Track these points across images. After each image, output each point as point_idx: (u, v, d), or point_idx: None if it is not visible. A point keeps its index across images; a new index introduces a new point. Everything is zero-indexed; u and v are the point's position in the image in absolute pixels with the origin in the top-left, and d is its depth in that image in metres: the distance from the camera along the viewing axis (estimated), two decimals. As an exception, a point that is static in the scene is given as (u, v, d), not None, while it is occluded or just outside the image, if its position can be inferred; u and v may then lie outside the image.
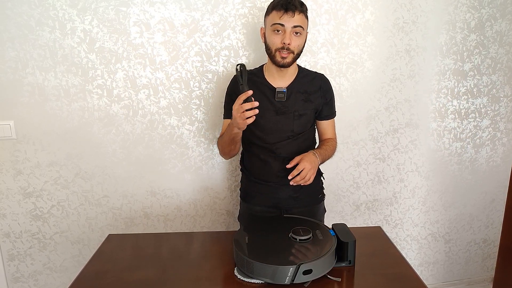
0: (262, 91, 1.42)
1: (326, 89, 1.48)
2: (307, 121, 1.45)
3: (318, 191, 1.56)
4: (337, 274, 1.13)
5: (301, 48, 1.36)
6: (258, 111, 1.33)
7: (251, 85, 1.40)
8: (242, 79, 1.24)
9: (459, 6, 1.83)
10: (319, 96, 1.46)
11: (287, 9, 1.28)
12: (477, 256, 2.26)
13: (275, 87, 1.41)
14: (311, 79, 1.46)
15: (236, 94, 1.37)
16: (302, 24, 1.31)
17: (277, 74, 1.41)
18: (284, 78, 1.42)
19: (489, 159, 2.10)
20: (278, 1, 1.31)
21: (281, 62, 1.33)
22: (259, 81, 1.43)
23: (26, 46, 1.59)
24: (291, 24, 1.29)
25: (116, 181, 1.79)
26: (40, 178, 1.74)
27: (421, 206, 2.10)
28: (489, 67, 1.96)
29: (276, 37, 1.31)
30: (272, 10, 1.32)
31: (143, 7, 1.61)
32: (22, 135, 1.68)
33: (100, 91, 1.68)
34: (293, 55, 1.33)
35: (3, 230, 1.79)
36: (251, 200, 1.53)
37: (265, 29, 1.38)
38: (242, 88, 1.23)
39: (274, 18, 1.30)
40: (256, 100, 1.35)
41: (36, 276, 1.86)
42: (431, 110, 1.96)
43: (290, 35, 1.30)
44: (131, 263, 1.24)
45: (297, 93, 1.42)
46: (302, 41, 1.34)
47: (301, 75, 1.45)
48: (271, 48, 1.34)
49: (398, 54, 1.84)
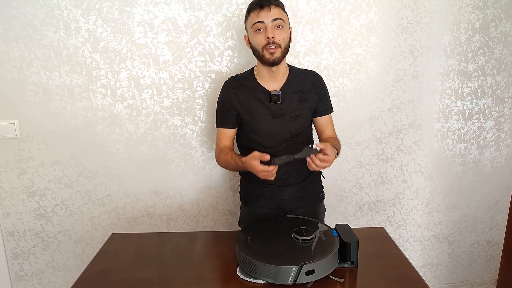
0: (256, 96, 1.39)
1: (319, 85, 1.46)
2: (304, 121, 1.44)
3: (320, 190, 1.56)
4: (340, 274, 1.12)
5: (287, 42, 1.33)
6: (256, 117, 1.36)
7: (243, 90, 1.41)
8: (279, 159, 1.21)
9: (464, 6, 1.83)
10: (314, 93, 1.44)
11: (262, 6, 1.28)
12: (480, 258, 2.25)
13: (269, 90, 1.39)
14: (303, 77, 1.44)
15: (229, 102, 1.41)
16: (281, 16, 1.30)
17: (269, 76, 1.39)
18: (277, 79, 1.40)
19: (493, 160, 2.09)
20: (251, 4, 1.33)
21: (271, 59, 1.30)
22: (252, 85, 1.41)
23: (31, 46, 1.59)
24: (270, 19, 1.28)
25: (120, 180, 1.80)
26: (44, 177, 1.75)
27: (425, 207, 2.10)
28: (494, 68, 1.95)
29: (259, 36, 1.30)
30: (249, 13, 1.33)
31: (147, 7, 1.62)
32: (26, 134, 1.69)
33: (104, 91, 1.68)
34: (280, 49, 1.31)
35: (7, 229, 1.80)
36: (254, 204, 1.51)
37: (248, 34, 1.38)
38: (274, 162, 1.21)
39: (253, 18, 1.31)
40: (251, 105, 1.38)
41: (40, 274, 1.87)
42: (435, 111, 1.96)
43: (272, 29, 1.28)
44: (134, 262, 1.24)
45: (292, 93, 1.40)
46: (286, 34, 1.32)
47: (293, 74, 1.43)
48: (257, 49, 1.33)
49: (402, 54, 1.84)
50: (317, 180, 1.55)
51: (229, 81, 1.45)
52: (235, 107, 1.41)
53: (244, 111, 1.40)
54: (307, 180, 1.48)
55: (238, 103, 1.40)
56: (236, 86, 1.42)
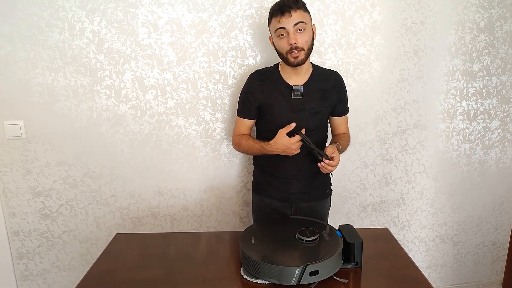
0: (278, 89, 1.45)
1: (340, 87, 1.53)
2: (322, 118, 1.50)
3: (327, 187, 1.62)
4: (344, 275, 1.12)
5: (310, 43, 1.37)
6: (275, 109, 1.43)
7: (268, 83, 1.47)
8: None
9: (468, 6, 1.82)
10: (335, 93, 1.50)
11: (283, 12, 1.31)
12: (485, 259, 2.24)
13: (291, 85, 1.43)
14: (326, 76, 1.50)
15: (252, 93, 1.47)
16: (302, 19, 1.32)
17: (293, 73, 1.44)
18: (299, 76, 1.44)
19: (499, 160, 2.08)
20: (273, 8, 1.36)
21: (295, 62, 1.35)
22: (275, 79, 1.46)
23: (36, 47, 1.61)
24: (291, 24, 1.31)
25: (124, 180, 1.80)
26: (49, 178, 1.76)
27: (429, 208, 2.09)
28: (499, 67, 1.94)
29: (283, 41, 1.35)
30: (272, 18, 1.37)
31: (151, 8, 1.62)
32: (32, 134, 1.70)
33: (108, 92, 1.69)
34: (304, 52, 1.35)
35: (13, 229, 1.81)
36: (263, 193, 1.59)
37: (272, 36, 1.42)
38: (299, 133, 1.37)
39: (275, 24, 1.34)
40: (273, 97, 1.45)
41: (45, 274, 1.88)
42: (440, 111, 1.95)
43: (293, 34, 1.32)
44: (138, 262, 1.25)
45: (314, 91, 1.45)
46: (308, 36, 1.36)
47: (316, 72, 1.48)
48: (282, 53, 1.38)
49: (406, 54, 1.83)
50: (325, 177, 1.58)
51: (255, 74, 1.51)
52: (258, 98, 1.47)
53: (265, 103, 1.46)
54: (314, 177, 1.54)
55: (261, 95, 1.46)
56: (262, 79, 1.48)
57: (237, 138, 1.55)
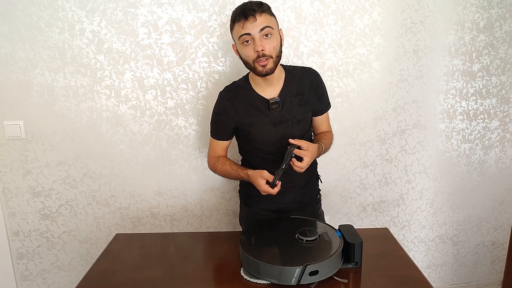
0: (254, 105, 1.34)
1: (317, 84, 1.41)
2: (306, 124, 1.40)
3: (317, 192, 1.58)
4: (343, 275, 1.12)
5: (278, 50, 1.26)
6: (256, 128, 1.33)
7: (240, 101, 1.36)
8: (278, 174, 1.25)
9: (468, 6, 1.82)
10: (313, 93, 1.39)
11: (247, 16, 1.19)
12: (485, 259, 2.24)
13: (267, 99, 1.33)
14: (299, 77, 1.38)
15: (226, 114, 1.36)
16: (268, 24, 1.21)
17: (264, 83, 1.32)
18: (273, 86, 1.34)
19: (498, 160, 2.08)
20: (235, 12, 1.24)
21: (263, 71, 1.24)
22: (248, 94, 1.35)
23: (36, 47, 1.61)
24: (257, 29, 1.20)
25: (124, 181, 1.80)
26: (48, 178, 1.76)
27: (429, 208, 2.09)
28: (498, 67, 1.94)
29: (248, 49, 1.23)
30: (234, 24, 1.25)
31: (151, 8, 1.62)
32: (32, 135, 1.70)
33: (108, 92, 1.69)
34: (272, 59, 1.24)
35: (13, 229, 1.81)
36: (255, 205, 1.50)
37: (235, 44, 1.30)
38: (275, 184, 1.25)
39: (238, 30, 1.23)
40: (250, 116, 1.34)
41: (45, 274, 1.88)
42: (439, 111, 1.95)
43: (260, 40, 1.21)
44: (138, 263, 1.25)
45: (291, 97, 1.35)
46: (276, 41, 1.24)
47: (290, 76, 1.37)
48: (248, 62, 1.26)
49: (406, 54, 1.83)
50: (314, 185, 1.55)
51: (224, 92, 1.39)
52: (233, 119, 1.36)
53: (243, 123, 1.36)
54: (307, 186, 1.49)
55: (236, 115, 1.36)
56: (232, 97, 1.36)
57: (212, 160, 1.46)
